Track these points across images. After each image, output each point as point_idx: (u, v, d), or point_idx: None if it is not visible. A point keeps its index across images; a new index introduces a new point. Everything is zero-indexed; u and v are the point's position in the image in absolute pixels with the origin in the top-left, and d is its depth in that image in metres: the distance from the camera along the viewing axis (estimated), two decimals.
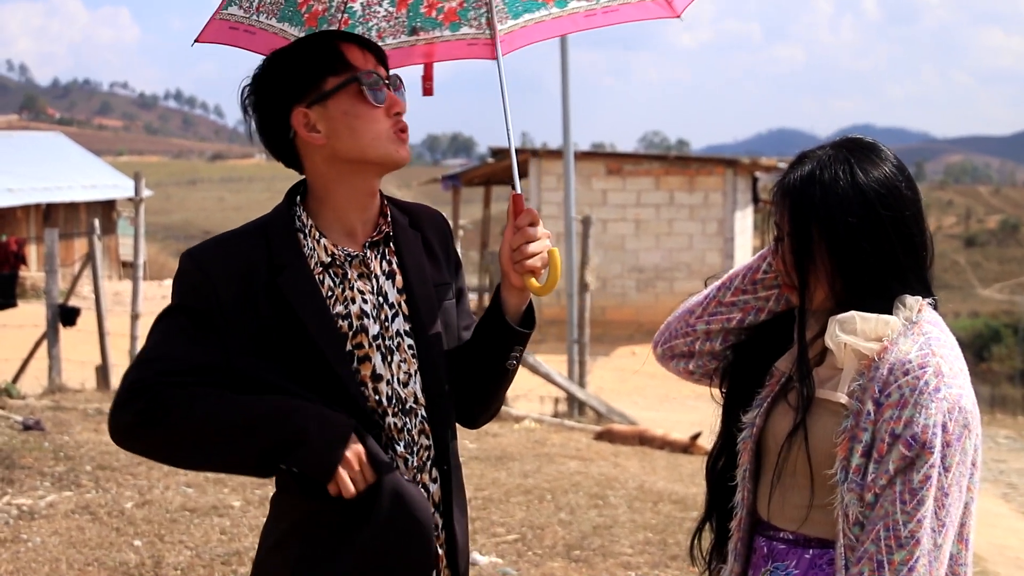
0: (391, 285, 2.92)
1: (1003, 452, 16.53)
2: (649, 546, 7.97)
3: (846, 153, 2.67)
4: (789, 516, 2.71)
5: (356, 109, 2.81)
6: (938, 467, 2.44)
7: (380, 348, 2.87)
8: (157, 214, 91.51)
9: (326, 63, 2.81)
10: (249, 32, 3.15)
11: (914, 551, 2.43)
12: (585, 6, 3.32)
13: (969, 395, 2.52)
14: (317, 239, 2.85)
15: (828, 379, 2.65)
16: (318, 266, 2.84)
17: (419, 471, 2.90)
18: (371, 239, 2.92)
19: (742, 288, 2.90)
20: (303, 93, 2.81)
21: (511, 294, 2.95)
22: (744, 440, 2.80)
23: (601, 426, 13.70)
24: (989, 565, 9.24)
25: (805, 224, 2.64)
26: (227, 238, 2.90)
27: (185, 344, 2.76)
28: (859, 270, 2.61)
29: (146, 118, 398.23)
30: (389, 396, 2.88)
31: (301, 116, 2.81)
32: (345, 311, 2.84)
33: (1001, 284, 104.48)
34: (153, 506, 7.85)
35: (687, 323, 2.98)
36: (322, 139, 2.82)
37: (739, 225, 27.91)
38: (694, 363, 2.98)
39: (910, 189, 2.66)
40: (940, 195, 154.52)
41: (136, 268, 15.21)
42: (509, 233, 2.91)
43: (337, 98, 2.80)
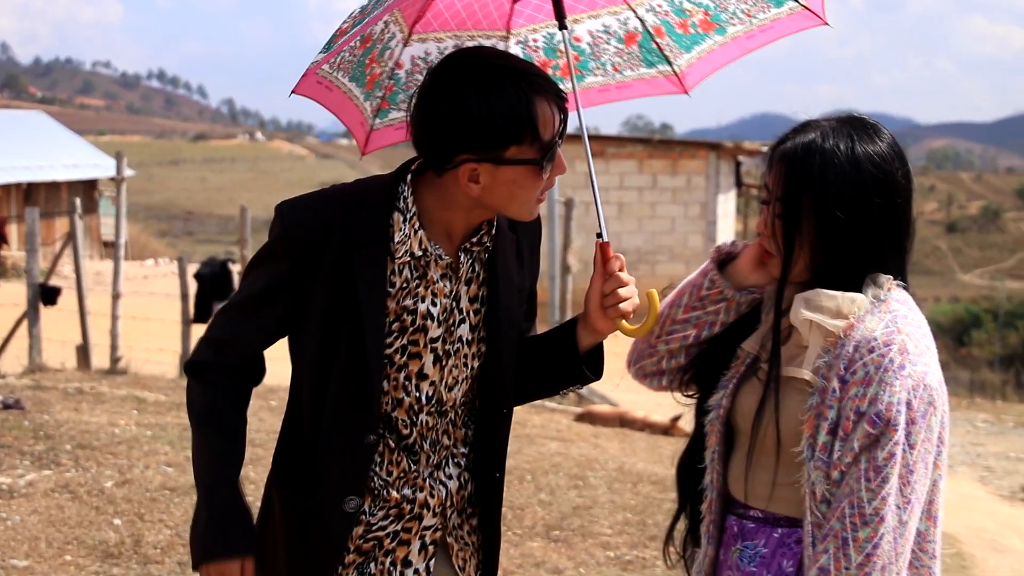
0: (467, 291, 2.91)
1: (981, 436, 16.57)
2: (628, 527, 7.99)
3: (849, 128, 2.67)
4: (760, 495, 2.72)
5: (525, 180, 2.74)
6: (902, 444, 2.45)
7: (436, 350, 2.89)
8: (139, 194, 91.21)
9: (516, 129, 2.67)
10: (328, 88, 3.21)
11: (878, 528, 2.45)
12: (600, 81, 3.39)
13: (935, 373, 2.53)
14: (416, 229, 2.81)
15: (794, 357, 2.66)
16: (406, 255, 2.81)
17: (436, 468, 2.96)
18: (468, 245, 2.89)
19: (691, 305, 2.90)
20: (480, 150, 2.69)
21: (587, 335, 2.98)
22: (711, 422, 2.81)
23: (582, 408, 13.71)
24: (965, 547, 9.29)
25: (797, 191, 2.64)
26: (321, 197, 2.87)
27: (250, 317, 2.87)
28: (841, 246, 2.61)
29: (128, 98, 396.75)
30: (430, 396, 2.91)
31: (469, 169, 2.71)
32: (413, 306, 2.84)
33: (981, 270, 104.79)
34: (133, 485, 7.84)
35: (649, 344, 2.98)
36: (477, 191, 2.74)
37: (722, 208, 27.92)
38: (666, 379, 2.99)
39: (905, 176, 2.67)
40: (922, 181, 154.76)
41: (117, 248, 15.17)
42: (599, 280, 2.91)
43: (512, 168, 2.72)
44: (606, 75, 3.40)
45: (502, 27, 3.38)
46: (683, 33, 3.32)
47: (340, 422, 2.83)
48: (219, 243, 66.43)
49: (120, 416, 10.17)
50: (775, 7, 3.23)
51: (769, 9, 3.23)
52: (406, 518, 2.92)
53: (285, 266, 2.80)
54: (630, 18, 3.35)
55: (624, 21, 3.36)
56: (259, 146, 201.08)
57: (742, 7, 3.24)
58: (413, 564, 2.94)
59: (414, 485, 2.92)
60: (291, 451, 2.93)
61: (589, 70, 3.39)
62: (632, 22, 3.35)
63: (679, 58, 3.33)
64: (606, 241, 2.98)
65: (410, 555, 2.94)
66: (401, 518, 2.92)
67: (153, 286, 23.55)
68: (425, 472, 2.93)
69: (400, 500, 2.91)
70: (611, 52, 3.38)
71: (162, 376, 13.67)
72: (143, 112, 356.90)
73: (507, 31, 3.39)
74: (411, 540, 2.93)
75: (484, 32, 3.36)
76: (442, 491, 2.95)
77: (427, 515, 2.94)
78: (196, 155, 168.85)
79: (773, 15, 3.24)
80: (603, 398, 14.69)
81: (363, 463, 2.86)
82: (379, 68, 3.24)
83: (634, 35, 3.36)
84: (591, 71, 3.40)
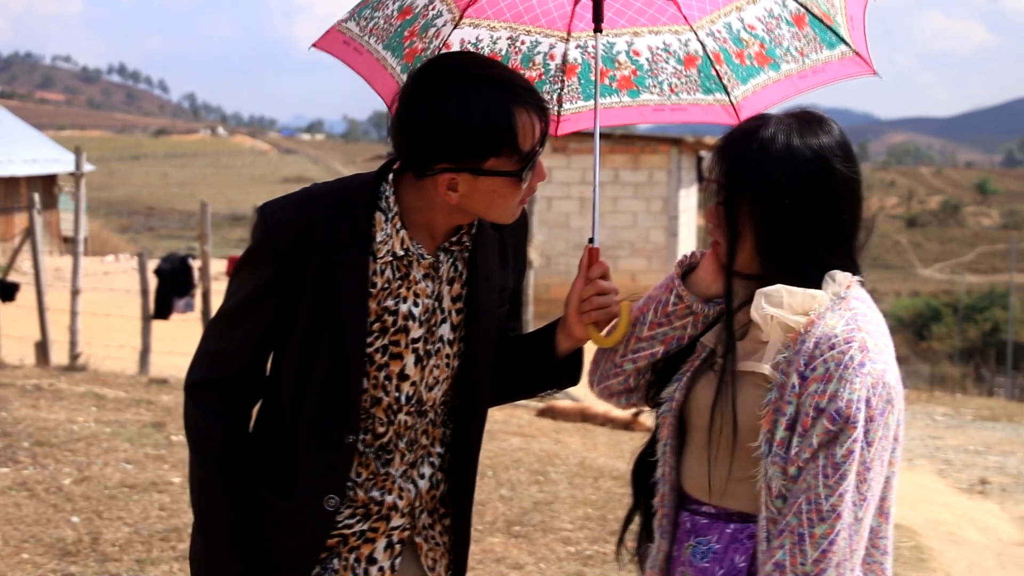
0: (449, 291, 2.90)
1: (940, 429, 16.70)
2: (589, 522, 8.01)
3: (792, 119, 2.70)
4: (713, 491, 2.71)
5: (503, 190, 2.74)
6: (861, 442, 2.45)
7: (417, 351, 2.88)
8: (100, 189, 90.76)
9: (495, 142, 2.67)
10: (357, 51, 3.20)
11: (835, 525, 2.45)
12: (656, 100, 3.38)
13: (893, 371, 2.54)
14: (397, 229, 2.80)
15: (752, 352, 2.66)
16: (387, 255, 2.81)
17: (411, 467, 2.94)
18: (448, 244, 2.89)
19: (657, 322, 2.88)
20: (459, 160, 2.69)
21: (565, 340, 2.98)
22: (664, 414, 2.81)
23: (543, 403, 13.72)
24: (923, 540, 9.34)
25: (735, 178, 2.66)
26: (303, 198, 2.85)
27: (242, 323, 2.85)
28: (780, 233, 2.63)
29: (89, 92, 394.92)
30: (410, 396, 2.90)
31: (448, 178, 2.71)
32: (394, 307, 2.83)
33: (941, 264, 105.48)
34: (91, 482, 7.80)
35: (613, 363, 2.96)
36: (456, 199, 2.73)
37: (683, 203, 27.97)
38: (635, 396, 2.98)
39: (846, 164, 2.68)
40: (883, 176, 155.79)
41: (76, 243, 15.08)
42: (580, 283, 2.92)
43: (491, 178, 2.72)
44: (662, 95, 3.38)
45: (563, 28, 3.37)
46: (739, 63, 3.31)
47: (320, 421, 2.81)
48: (181, 239, 66.10)
49: (79, 413, 10.11)
50: (828, 49, 3.24)
51: (822, 50, 3.24)
52: (373, 518, 2.91)
53: (271, 268, 2.78)
54: (691, 40, 3.34)
55: (685, 42, 3.35)
56: (221, 141, 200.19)
57: (796, 44, 3.26)
58: (378, 562, 2.93)
59: (383, 487, 2.91)
60: (269, 449, 2.91)
61: (646, 87, 3.38)
62: (693, 44, 3.34)
63: (736, 88, 3.32)
64: (595, 247, 2.97)
65: (375, 552, 2.93)
66: (368, 518, 2.91)
67: (113, 282, 23.43)
68: (398, 472, 2.92)
69: (367, 501, 2.90)
70: (669, 72, 3.36)
71: (122, 373, 13.61)
72: (104, 107, 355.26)
73: (568, 33, 3.37)
74: (377, 539, 2.92)
75: (543, 30, 3.35)
76: (412, 491, 2.93)
77: (395, 516, 2.93)
78: (157, 150, 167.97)
79: (825, 56, 3.25)
80: (565, 393, 14.69)
81: (343, 462, 2.84)
82: (420, 44, 3.22)
83: (694, 58, 3.35)
84: (647, 88, 3.38)
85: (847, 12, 3.23)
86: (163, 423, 9.83)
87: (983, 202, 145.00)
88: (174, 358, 15.33)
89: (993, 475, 13.57)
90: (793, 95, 3.28)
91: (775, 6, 3.26)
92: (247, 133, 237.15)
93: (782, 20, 3.26)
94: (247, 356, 2.86)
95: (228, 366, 2.86)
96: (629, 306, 2.92)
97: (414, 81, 2.72)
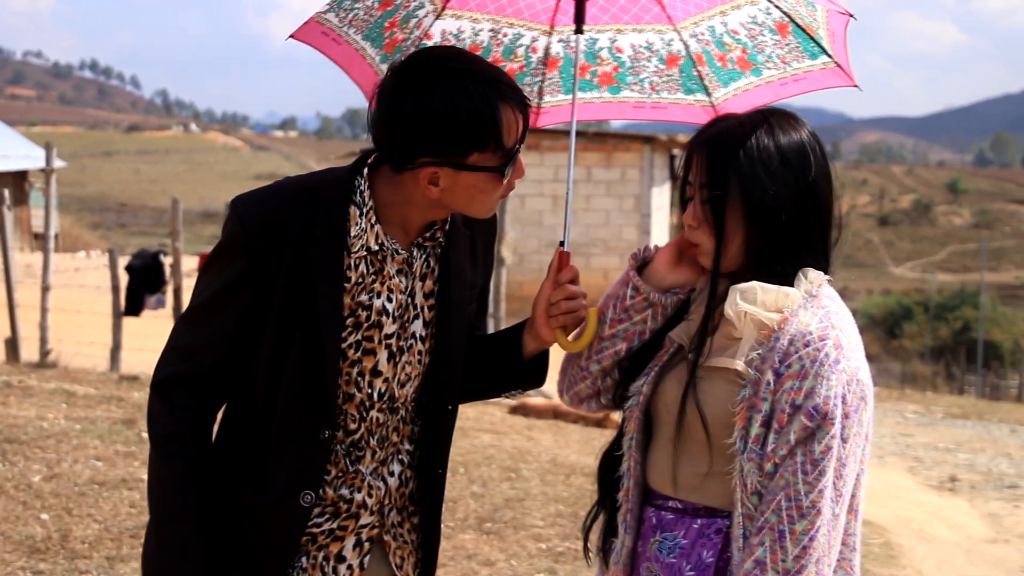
0: (421, 287, 2.89)
1: (911, 427, 16.80)
2: (560, 518, 8.02)
3: (765, 116, 2.72)
4: (679, 485, 2.71)
5: (485, 186, 2.73)
6: (838, 438, 2.47)
7: (390, 347, 2.86)
8: (71, 186, 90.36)
9: (480, 137, 2.66)
10: (336, 41, 3.19)
11: (815, 521, 2.46)
12: (636, 97, 3.38)
13: (865, 368, 2.56)
14: (372, 224, 2.79)
15: (724, 348, 2.66)
16: (362, 249, 2.79)
17: (381, 464, 2.92)
18: (422, 240, 2.88)
19: (616, 319, 2.88)
20: (442, 155, 2.67)
21: (532, 341, 2.99)
22: (630, 408, 2.80)
23: (515, 400, 13.72)
24: (893, 537, 9.39)
25: (723, 174, 2.65)
26: (276, 192, 2.83)
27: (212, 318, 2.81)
28: (771, 229, 2.63)
29: (60, 88, 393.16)
30: (382, 392, 2.88)
31: (429, 172, 2.69)
32: (368, 302, 2.81)
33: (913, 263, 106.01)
34: (61, 479, 7.76)
35: (580, 367, 2.95)
36: (437, 193, 2.72)
37: (656, 201, 28.01)
38: (604, 398, 2.96)
39: (823, 158, 2.70)
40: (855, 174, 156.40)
41: (47, 240, 15.00)
42: (549, 287, 2.92)
43: (473, 173, 2.71)
44: (643, 92, 3.38)
45: (546, 22, 3.37)
46: (721, 67, 3.32)
47: (295, 416, 2.79)
48: (153, 235, 65.97)
49: (49, 410, 10.06)
50: (809, 59, 3.26)
51: (804, 60, 3.26)
52: (342, 516, 2.89)
53: (243, 262, 2.75)
54: (674, 40, 3.35)
55: (668, 42, 3.35)
56: (193, 137, 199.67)
57: (778, 52, 3.27)
58: (347, 560, 2.91)
59: (352, 485, 2.89)
60: (242, 446, 2.88)
61: (627, 84, 3.38)
62: (676, 44, 3.34)
63: (717, 91, 3.33)
64: (566, 250, 2.97)
65: (344, 551, 2.91)
66: (337, 516, 2.89)
67: (84, 278, 23.31)
68: (368, 470, 2.90)
69: (336, 499, 2.88)
70: (651, 70, 3.37)
71: (92, 369, 13.54)
72: (75, 103, 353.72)
73: (551, 27, 3.38)
74: (346, 537, 2.91)
75: (526, 23, 3.36)
76: (381, 489, 2.92)
77: (364, 514, 2.91)
78: (129, 146, 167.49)
79: (807, 66, 3.27)
80: (538, 391, 14.69)
81: (318, 458, 2.82)
82: (401, 35, 3.21)
83: (676, 58, 3.35)
84: (628, 85, 3.38)
85: (829, 27, 3.25)
86: (134, 420, 9.79)
87: (954, 201, 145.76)
88: (145, 355, 15.26)
89: (963, 472, 13.64)
90: (773, 101, 3.27)
91: (759, 13, 3.27)
92: (220, 130, 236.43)
93: (765, 27, 3.27)
94: (217, 352, 2.82)
95: (197, 362, 2.82)
96: (598, 312, 2.91)
97: (398, 75, 2.70)
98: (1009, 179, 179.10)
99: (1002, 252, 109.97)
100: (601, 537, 2.93)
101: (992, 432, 18.43)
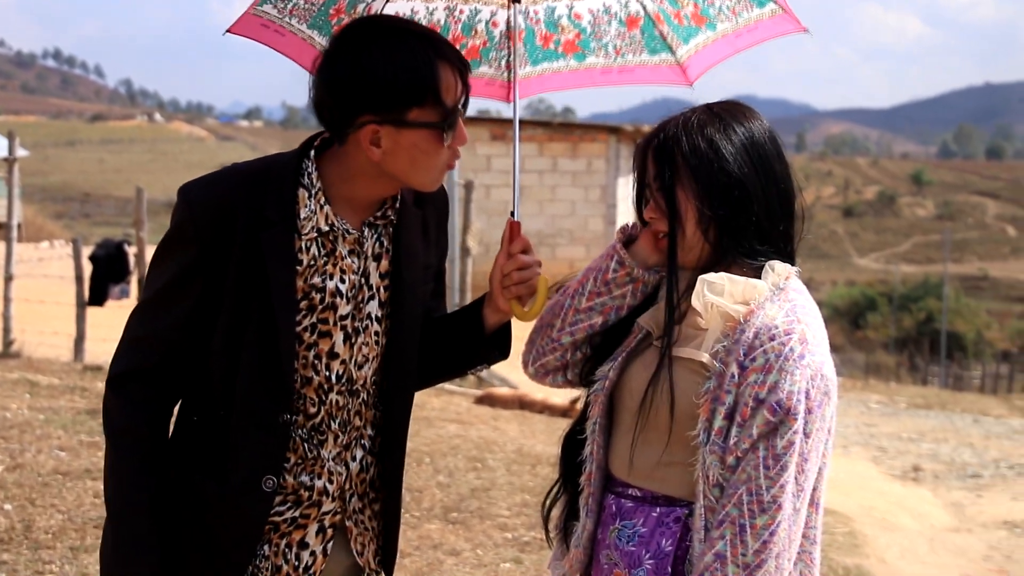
0: (376, 267, 2.88)
1: (875, 417, 16.87)
2: (526, 508, 8.03)
3: (714, 110, 2.71)
4: (640, 473, 2.71)
5: (427, 145, 2.72)
6: (800, 433, 2.46)
7: (345, 328, 2.85)
8: (35, 175, 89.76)
9: (418, 92, 2.67)
10: (279, 33, 3.17)
11: (776, 515, 2.46)
12: (602, 63, 3.38)
13: (830, 363, 2.55)
14: (321, 204, 2.78)
15: (689, 338, 2.66)
16: (312, 231, 2.78)
17: (345, 449, 2.91)
18: (373, 219, 2.87)
19: (596, 291, 2.86)
20: (383, 111, 2.67)
21: (492, 314, 3.00)
22: (596, 392, 2.79)
23: (481, 390, 13.73)
24: (857, 525, 9.45)
25: (671, 158, 2.65)
26: (223, 177, 2.81)
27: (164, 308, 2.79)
28: (723, 221, 2.62)
29: (23, 77, 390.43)
30: (340, 375, 2.86)
31: (371, 131, 2.69)
32: (321, 284, 2.80)
33: (877, 254, 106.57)
34: (24, 470, 7.72)
35: (551, 338, 2.93)
36: (379, 155, 2.71)
37: (622, 192, 28.04)
38: (571, 372, 2.96)
39: (775, 147, 2.70)
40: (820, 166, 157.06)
41: (9, 229, 14.90)
42: (502, 258, 2.93)
43: (414, 131, 2.70)
44: (608, 57, 3.38)
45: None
46: (678, 24, 3.33)
47: (253, 402, 2.77)
48: (117, 225, 65.60)
49: (12, 400, 10.01)
50: (757, 7, 3.28)
51: (752, 9, 3.29)
52: (304, 504, 2.88)
53: (193, 250, 2.73)
54: (631, 1, 3.34)
55: (625, 4, 3.35)
56: (158, 127, 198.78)
57: (727, 4, 3.29)
58: (310, 546, 2.90)
59: (312, 472, 2.88)
60: (201, 436, 2.85)
61: (591, 50, 3.38)
62: (633, 5, 3.34)
63: (680, 48, 3.33)
64: (516, 220, 2.98)
65: (307, 537, 2.90)
66: (299, 504, 2.88)
67: (48, 268, 23.16)
68: (330, 455, 2.88)
69: (297, 487, 2.87)
70: (612, 34, 3.36)
71: (56, 359, 13.48)
72: (38, 92, 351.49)
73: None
74: (308, 524, 2.89)
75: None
76: (342, 474, 2.91)
77: (326, 501, 2.90)
78: (93, 136, 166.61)
79: (756, 15, 3.29)
80: (503, 381, 14.72)
81: (279, 442, 2.81)
82: (349, 20, 3.15)
83: (636, 19, 3.35)
84: (592, 51, 3.38)
85: None
86: (97, 410, 9.71)
87: (918, 193, 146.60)
88: (109, 345, 15.12)
89: (926, 462, 13.74)
90: (733, 54, 3.32)
91: None
92: (184, 119, 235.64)
93: None
94: (172, 342, 2.80)
95: (152, 354, 2.80)
96: (547, 280, 2.93)
97: (336, 39, 2.73)
98: (973, 171, 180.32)
99: (965, 244, 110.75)
100: (562, 519, 2.93)
101: (955, 422, 18.55)
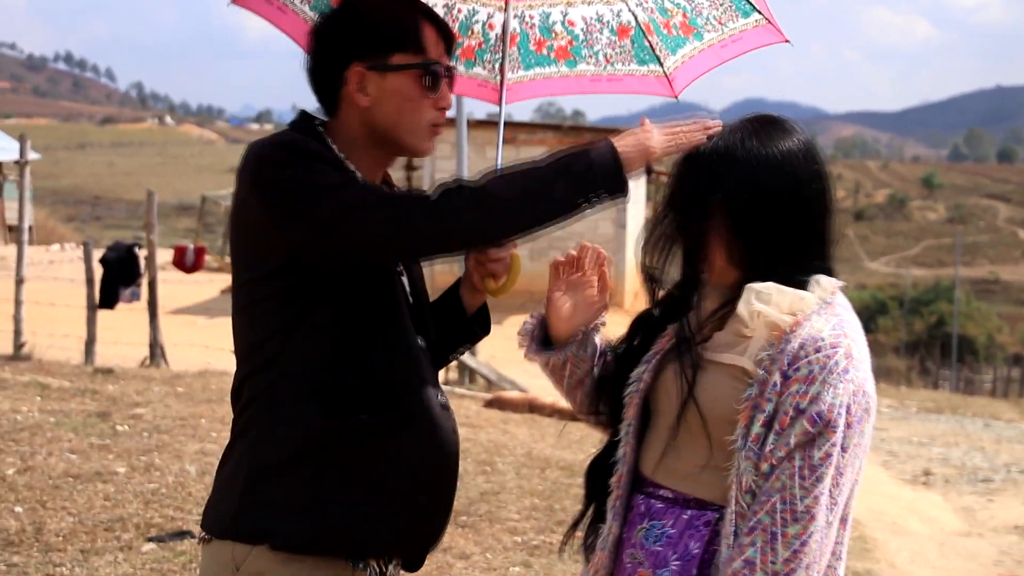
0: None
1: (885, 421, 16.87)
2: (536, 512, 8.02)
3: (751, 125, 2.69)
4: (674, 475, 2.71)
5: (410, 92, 2.80)
6: (838, 447, 2.46)
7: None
8: (46, 178, 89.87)
9: (401, 37, 2.79)
10: (281, 10, 3.20)
11: (808, 526, 2.45)
12: (592, 70, 3.44)
13: (871, 381, 2.55)
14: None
15: (730, 344, 2.63)
16: None
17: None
18: None
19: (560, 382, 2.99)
20: (368, 55, 2.78)
21: (469, 293, 3.08)
22: (631, 395, 2.79)
23: (491, 393, 13.73)
24: (867, 530, 9.43)
25: (700, 187, 2.65)
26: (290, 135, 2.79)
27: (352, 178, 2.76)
28: (754, 240, 2.61)
29: (34, 80, 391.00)
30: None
31: (358, 75, 2.78)
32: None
33: (888, 257, 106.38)
34: (35, 472, 7.72)
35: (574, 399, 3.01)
36: (367, 102, 2.78)
37: (632, 195, 28.05)
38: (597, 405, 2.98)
39: (813, 168, 2.68)
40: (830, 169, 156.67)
41: (21, 232, 14.94)
42: None
43: (398, 75, 2.79)
44: (598, 65, 3.44)
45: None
46: (667, 33, 3.38)
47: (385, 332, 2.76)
48: (127, 228, 65.65)
49: (23, 402, 10.02)
50: (743, 17, 3.34)
51: (738, 19, 3.35)
52: None
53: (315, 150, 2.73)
54: (623, 11, 3.40)
55: (617, 13, 3.41)
56: (168, 130, 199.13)
57: (714, 13, 3.35)
58: None
59: None
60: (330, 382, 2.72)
61: (582, 57, 3.43)
62: (625, 15, 3.40)
63: (667, 59, 3.39)
64: None
65: None
66: None
67: (58, 271, 23.23)
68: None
69: None
70: (604, 42, 3.42)
71: (67, 362, 13.49)
72: (50, 95, 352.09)
73: (505, 2, 3.41)
74: None
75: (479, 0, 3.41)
76: None
77: None
78: (104, 139, 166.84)
79: (741, 25, 3.35)
80: (513, 384, 14.72)
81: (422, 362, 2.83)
82: None
83: (627, 29, 3.40)
84: (584, 58, 3.44)
85: None
86: (108, 412, 9.76)
87: (929, 196, 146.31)
88: (120, 348, 15.25)
89: (937, 466, 13.72)
90: (717, 65, 3.37)
91: None
92: (195, 123, 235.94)
93: None
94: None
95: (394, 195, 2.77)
96: (518, 257, 3.00)
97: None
98: (983, 174, 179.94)
99: (976, 247, 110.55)
100: (586, 529, 2.92)
101: (966, 426, 18.53)
